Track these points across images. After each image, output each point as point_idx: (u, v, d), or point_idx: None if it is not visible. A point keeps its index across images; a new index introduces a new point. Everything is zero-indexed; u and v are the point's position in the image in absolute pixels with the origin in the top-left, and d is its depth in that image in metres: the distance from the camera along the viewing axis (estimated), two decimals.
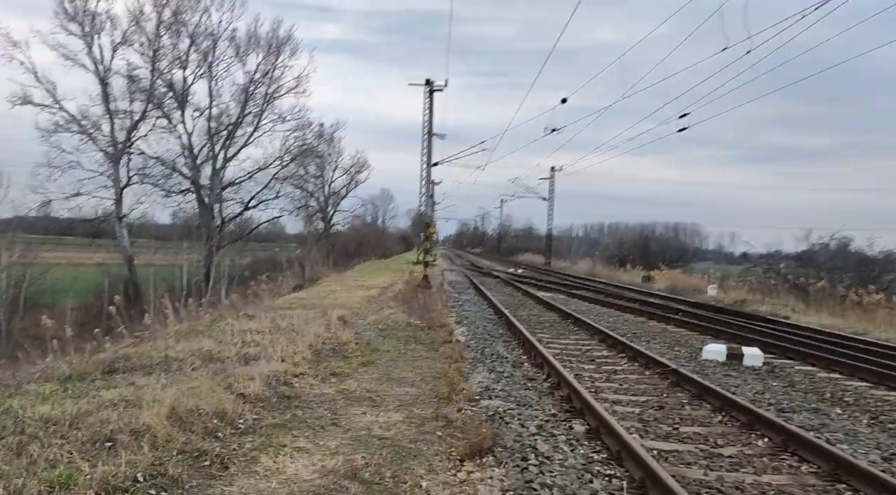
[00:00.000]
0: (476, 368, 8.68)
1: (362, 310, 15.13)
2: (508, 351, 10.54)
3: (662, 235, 72.29)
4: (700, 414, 7.08)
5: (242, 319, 12.01)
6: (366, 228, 79.27)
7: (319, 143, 52.06)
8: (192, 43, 40.23)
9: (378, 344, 10.40)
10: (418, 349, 10.23)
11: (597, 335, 12.85)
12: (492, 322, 14.34)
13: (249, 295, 24.81)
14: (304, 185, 55.25)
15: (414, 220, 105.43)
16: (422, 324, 13.03)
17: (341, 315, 12.81)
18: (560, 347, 11.40)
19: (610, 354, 10.86)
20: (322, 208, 62.27)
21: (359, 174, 63.19)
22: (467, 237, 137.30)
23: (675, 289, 31.78)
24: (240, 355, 8.18)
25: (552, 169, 63.36)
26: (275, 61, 42.59)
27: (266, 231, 61.98)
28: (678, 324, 15.34)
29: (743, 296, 27.64)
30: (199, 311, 18.91)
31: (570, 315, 16.21)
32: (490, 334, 12.26)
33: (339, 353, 9.26)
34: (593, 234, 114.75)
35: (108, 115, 38.13)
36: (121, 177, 38.64)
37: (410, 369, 8.58)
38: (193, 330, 10.48)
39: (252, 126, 43.64)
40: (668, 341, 12.67)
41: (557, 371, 8.32)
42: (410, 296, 18.42)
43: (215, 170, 43.40)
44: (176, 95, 40.84)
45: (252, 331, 10.26)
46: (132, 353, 8.17)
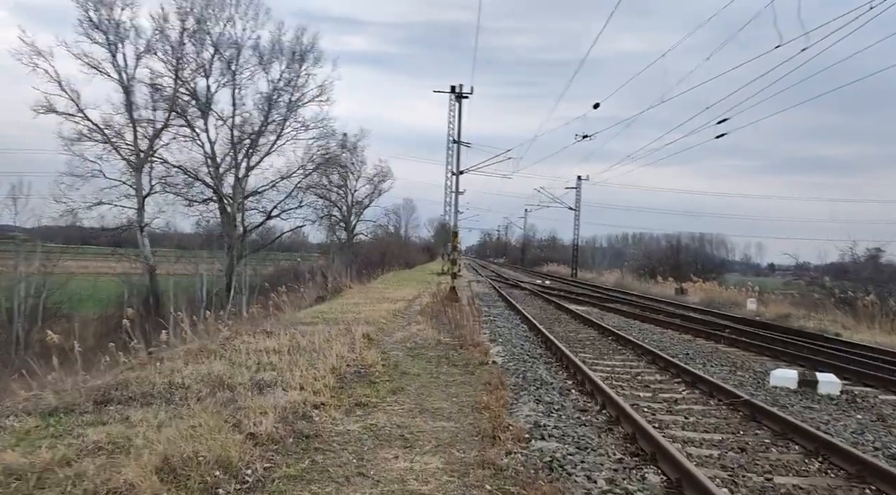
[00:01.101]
0: (520, 397, 7.64)
1: (388, 325, 14.15)
2: (552, 374, 9.48)
3: (689, 246, 70.40)
4: (792, 459, 5.97)
5: (259, 336, 11.11)
6: (389, 238, 78.47)
7: (342, 153, 51.51)
8: (215, 51, 39.93)
9: (407, 366, 9.40)
10: (452, 372, 9.21)
11: (644, 355, 11.74)
12: (528, 340, 13.27)
13: (271, 306, 24.00)
14: (327, 195, 54.71)
15: (436, 230, 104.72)
16: (453, 343, 12.01)
17: (366, 332, 11.85)
18: (607, 370, 10.31)
19: (664, 379, 9.75)
20: (345, 218, 61.70)
21: (382, 183, 62.59)
22: (490, 247, 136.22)
23: (711, 303, 30.42)
24: (253, 381, 7.23)
25: (579, 178, 62.22)
26: (298, 69, 42.16)
27: (289, 240, 61.57)
28: (729, 343, 14.14)
29: (786, 310, 26.22)
30: (217, 324, 18.12)
31: (609, 331, 15.10)
32: (529, 354, 11.21)
33: (364, 378, 8.27)
34: (617, 245, 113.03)
35: (131, 124, 37.84)
36: (143, 186, 38.28)
37: (445, 397, 7.57)
38: (205, 349, 9.57)
39: (275, 134, 43.18)
40: (724, 363, 11.50)
41: (613, 401, 7.26)
42: (438, 310, 17.41)
43: (238, 179, 42.92)
44: (199, 104, 40.51)
45: (269, 351, 9.34)
46: (133, 378, 7.27)
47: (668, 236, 78.75)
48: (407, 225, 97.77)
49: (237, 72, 41.02)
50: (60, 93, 34.59)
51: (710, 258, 66.32)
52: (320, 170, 47.38)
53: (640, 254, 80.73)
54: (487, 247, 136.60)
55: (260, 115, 42.33)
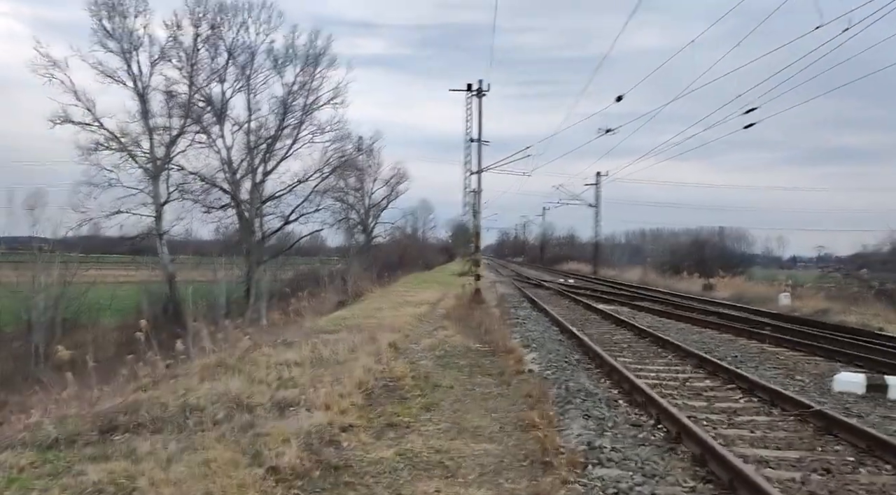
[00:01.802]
0: (566, 411, 6.95)
1: (413, 331, 13.52)
2: (595, 383, 8.78)
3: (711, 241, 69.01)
4: (887, 482, 5.23)
5: (280, 348, 10.53)
6: (407, 240, 77.93)
7: (359, 155, 51.03)
8: (229, 56, 39.61)
9: (438, 377, 8.75)
10: (487, 383, 8.55)
11: (689, 358, 10.98)
12: (562, 343, 12.56)
13: (291, 312, 23.51)
14: (345, 198, 54.26)
15: (454, 231, 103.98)
16: (484, 349, 11.35)
17: (392, 340, 11.22)
18: (651, 375, 9.58)
19: (716, 385, 9.00)
20: (363, 220, 61.25)
21: (398, 185, 62.01)
22: (508, 246, 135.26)
23: (741, 298, 29.45)
24: (274, 401, 6.62)
25: (598, 174, 61.26)
26: (313, 72, 41.73)
27: (307, 244, 61.21)
28: (775, 343, 13.31)
29: (822, 304, 25.20)
30: (237, 332, 17.67)
31: (645, 332, 14.35)
32: (566, 360, 10.50)
33: (394, 393, 7.63)
34: (635, 241, 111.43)
35: (147, 132, 37.64)
36: (160, 194, 38.07)
37: (483, 413, 6.90)
38: (223, 363, 8.99)
39: (291, 138, 42.78)
40: (776, 365, 10.72)
41: (669, 414, 6.55)
42: (464, 314, 16.77)
43: (255, 185, 42.58)
44: (214, 109, 40.22)
45: (290, 365, 8.74)
46: (144, 400, 6.69)
47: (687, 231, 77.52)
48: (424, 226, 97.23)
49: (251, 76, 40.69)
50: (76, 103, 34.51)
51: (735, 252, 64.99)
52: (337, 174, 46.95)
53: (663, 250, 79.50)
54: (505, 247, 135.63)
55: (275, 119, 41.98)
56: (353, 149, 48.25)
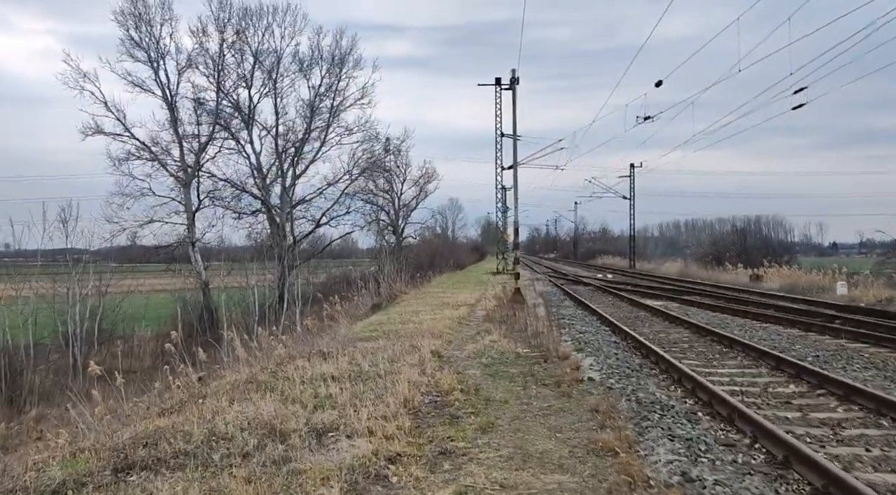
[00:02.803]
0: (644, 430, 6.04)
1: (455, 336, 12.68)
2: (666, 392, 7.85)
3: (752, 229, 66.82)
4: None
5: (315, 359, 9.78)
6: (437, 240, 77.18)
7: (387, 156, 50.41)
8: (255, 61, 39.33)
9: (489, 389, 7.90)
10: (545, 395, 7.67)
11: (762, 359, 9.96)
12: (617, 346, 11.62)
13: (325, 317, 22.90)
14: (374, 199, 53.75)
15: (484, 229, 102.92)
16: (534, 354, 10.46)
17: (434, 347, 10.40)
18: (726, 381, 8.62)
19: (803, 391, 8.00)
20: (393, 221, 60.65)
21: (427, 185, 61.22)
22: (539, 242, 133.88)
23: (793, 289, 28.06)
24: (311, 425, 5.84)
25: (632, 166, 59.84)
26: (339, 73, 41.25)
27: (339, 247, 60.94)
28: (852, 338, 12.19)
29: (885, 292, 23.72)
30: (271, 340, 17.15)
31: (704, 329, 13.34)
32: (627, 365, 9.57)
33: (443, 411, 6.81)
34: (669, 233, 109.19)
35: (177, 140, 37.56)
36: (192, 202, 37.96)
37: (548, 434, 6.04)
38: (254, 379, 8.27)
39: (319, 141, 42.38)
40: (866, 365, 9.63)
41: (769, 432, 5.62)
42: (506, 315, 15.88)
43: (285, 189, 42.29)
44: (242, 115, 39.99)
45: (327, 379, 7.97)
46: (167, 428, 5.96)
47: (722, 221, 75.37)
48: (454, 225, 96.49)
49: (278, 80, 40.37)
50: (107, 113, 34.61)
51: (779, 241, 62.88)
52: (366, 175, 46.45)
53: (701, 241, 77.47)
54: (536, 243, 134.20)
55: (303, 122, 41.61)
56: (382, 150, 47.67)
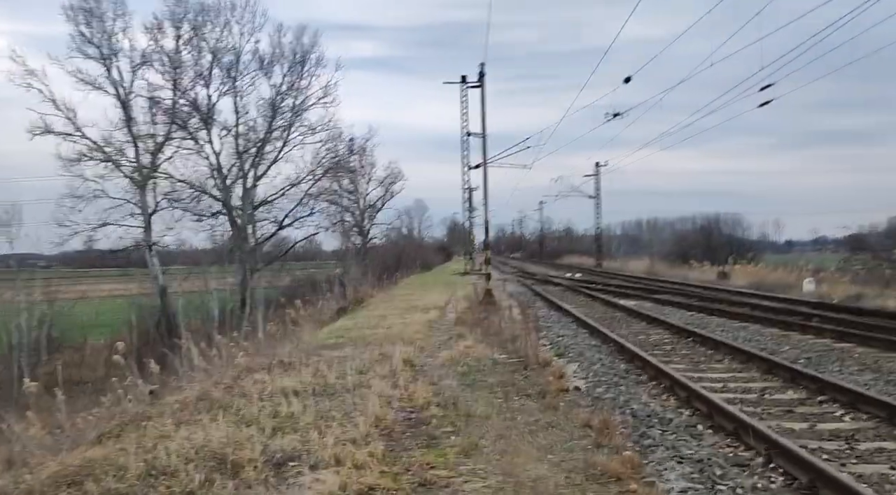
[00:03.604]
0: (646, 450, 5.41)
1: (427, 342, 11.96)
2: (660, 403, 7.25)
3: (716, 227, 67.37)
4: None
5: (276, 370, 8.96)
6: (404, 240, 76.37)
7: (352, 155, 49.42)
8: (214, 58, 37.97)
9: (469, 402, 7.19)
10: (529, 408, 7.00)
11: (751, 362, 9.46)
12: (599, 350, 11.03)
13: (288, 322, 21.96)
14: (339, 200, 52.72)
15: (450, 229, 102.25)
16: (512, 361, 9.80)
17: (406, 355, 9.66)
18: (718, 387, 8.07)
19: (803, 397, 7.48)
20: (358, 222, 59.67)
21: (393, 185, 60.42)
22: (505, 242, 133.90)
23: (762, 286, 28.00)
24: (268, 454, 5.06)
25: (597, 165, 59.88)
26: (301, 71, 40.16)
27: (303, 249, 59.69)
28: (837, 337, 11.80)
29: (852, 289, 23.73)
30: (232, 347, 16.25)
31: (684, 330, 12.88)
32: (613, 372, 8.97)
33: (419, 430, 6.08)
34: (632, 232, 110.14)
35: (132, 140, 36.00)
36: (148, 204, 36.44)
37: (538, 455, 5.36)
38: (207, 396, 7.43)
39: (281, 141, 41.22)
40: (861, 367, 9.19)
41: (787, 450, 5.04)
42: (478, 318, 15.22)
43: (246, 190, 41.01)
44: (200, 114, 38.59)
45: (289, 394, 7.17)
46: (98, 459, 5.12)
47: (683, 219, 76.11)
48: (420, 226, 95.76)
49: (237, 78, 39.09)
50: (56, 112, 32.85)
51: (743, 239, 63.59)
52: (330, 175, 45.43)
53: (665, 240, 78.03)
54: (502, 243, 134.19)
55: (264, 121, 40.40)
56: (346, 150, 46.69)
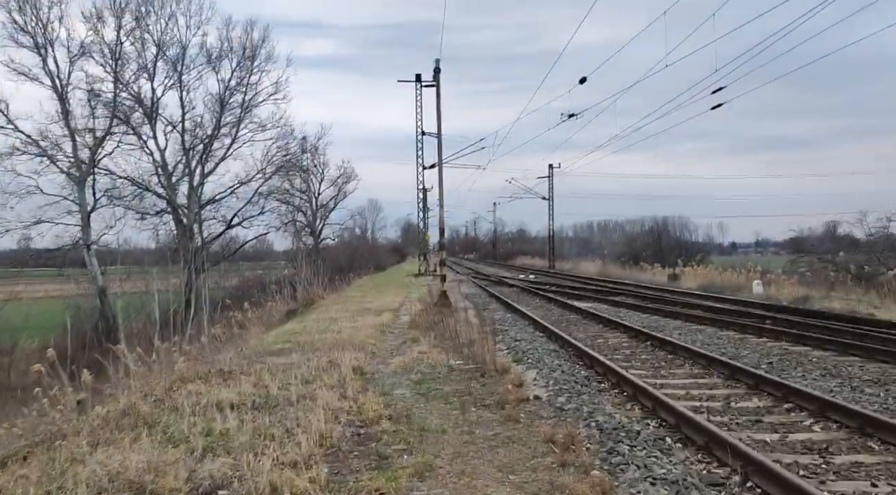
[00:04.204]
0: (616, 468, 4.98)
1: (379, 347, 11.40)
2: (625, 412, 6.86)
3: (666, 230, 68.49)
4: None
5: (214, 380, 8.29)
6: (357, 241, 75.43)
7: (303, 154, 48.41)
8: (158, 51, 36.59)
9: (423, 415, 6.68)
10: (488, 420, 6.53)
11: (712, 367, 9.20)
12: (558, 355, 10.64)
13: (234, 324, 21.17)
14: (291, 199, 51.59)
15: (404, 230, 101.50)
16: (469, 367, 9.33)
17: (356, 363, 9.09)
18: (681, 394, 7.75)
19: (769, 405, 7.20)
20: (310, 222, 58.58)
21: (346, 185, 59.56)
22: (459, 243, 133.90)
23: (712, 288, 28.33)
24: (194, 483, 4.45)
25: (550, 166, 60.06)
26: (250, 67, 39.08)
27: (253, 249, 58.40)
28: (793, 340, 11.71)
29: (799, 291, 24.11)
30: (173, 351, 15.44)
31: (641, 333, 12.63)
32: (573, 379, 8.57)
33: (369, 448, 5.54)
34: (583, 234, 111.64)
35: (70, 134, 34.30)
36: (87, 201, 34.78)
37: (499, 476, 4.88)
38: (133, 409, 6.72)
39: (230, 137, 40.04)
40: (822, 371, 9.01)
41: (766, 469, 4.69)
42: (433, 321, 14.71)
43: (192, 188, 39.71)
44: (144, 108, 37.10)
45: (225, 408, 6.54)
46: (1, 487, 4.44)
47: (632, 221, 77.35)
48: (374, 226, 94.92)
49: (183, 72, 37.79)
50: None
51: (692, 241, 64.81)
52: (281, 174, 44.34)
53: (616, 242, 79.09)
54: (456, 244, 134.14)
55: (212, 117, 39.18)
56: (298, 148, 45.66)
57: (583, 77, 24.00)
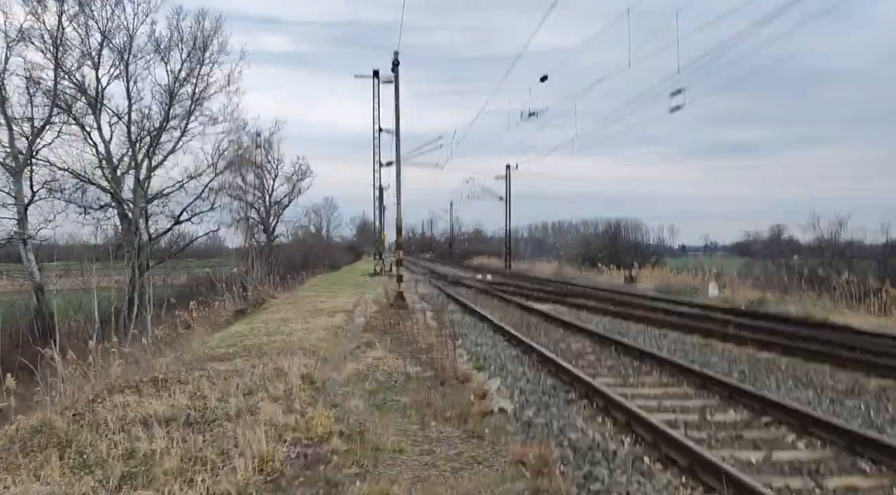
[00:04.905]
0: None
1: (332, 352, 10.69)
2: (598, 428, 6.35)
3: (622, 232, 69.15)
4: None
5: (147, 389, 7.49)
6: (311, 239, 73.97)
7: (257, 148, 46.98)
8: (104, 38, 34.80)
9: (378, 431, 6.04)
10: (450, 437, 5.94)
11: (681, 376, 8.80)
12: (520, 361, 10.11)
13: (179, 325, 20.18)
14: (243, 196, 50.04)
15: (360, 229, 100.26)
16: (428, 375, 8.72)
17: (306, 370, 8.38)
18: (653, 405, 7.29)
19: (747, 418, 6.79)
20: (263, 219, 57.02)
21: (301, 181, 58.11)
22: (415, 242, 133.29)
23: (669, 290, 28.36)
24: None
25: (508, 167, 59.89)
26: (202, 57, 37.54)
27: (205, 246, 56.62)
28: (759, 346, 11.43)
29: (754, 294, 24.23)
30: (112, 352, 14.46)
31: (605, 338, 12.24)
32: (540, 389, 8.04)
33: (316, 473, 4.88)
34: (538, 234, 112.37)
35: (6, 122, 32.34)
36: (24, 193, 32.90)
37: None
38: (48, 426, 5.91)
39: (179, 130, 38.41)
40: (795, 381, 8.67)
41: (755, 493, 4.21)
42: (389, 323, 14.07)
43: (139, 182, 37.94)
44: (88, 98, 35.30)
45: (154, 425, 5.79)
46: None
47: (587, 223, 78.02)
48: (329, 224, 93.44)
49: (130, 61, 36.05)
50: None
51: (646, 243, 65.57)
52: (233, 169, 42.88)
53: (572, 243, 79.48)
54: (412, 243, 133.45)
55: (161, 109, 37.49)
56: (251, 143, 44.25)
57: (544, 75, 23.73)
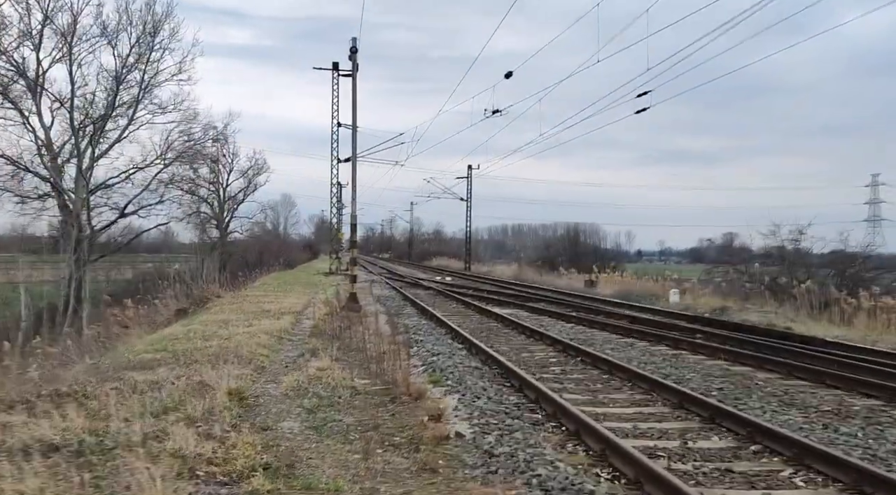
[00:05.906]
0: None
1: (271, 360, 9.65)
2: (569, 459, 5.49)
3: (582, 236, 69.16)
4: None
5: (43, 406, 6.36)
6: (267, 236, 72.00)
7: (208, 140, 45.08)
8: (45, 18, 32.81)
9: (312, 461, 5.07)
10: (397, 470, 5.01)
11: (655, 392, 8.04)
12: (481, 373, 9.22)
13: (117, 324, 18.90)
14: (196, 189, 48.12)
15: (318, 227, 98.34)
16: (377, 389, 7.78)
17: (235, 384, 7.34)
18: (628, 428, 6.50)
19: (734, 446, 6.03)
20: (217, 214, 55.07)
21: (257, 176, 56.33)
22: (374, 242, 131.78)
23: (629, 296, 27.88)
24: None
25: (469, 167, 59.16)
26: (152, 43, 35.75)
27: (156, 241, 54.52)
28: (733, 359, 10.79)
29: (715, 301, 23.92)
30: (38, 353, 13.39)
31: (569, 346, 11.49)
32: (503, 408, 7.15)
33: None
34: (497, 237, 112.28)
35: None
36: None
37: None
38: None
39: (126, 118, 36.56)
40: (778, 399, 7.98)
41: None
42: (339, 327, 13.05)
43: (81, 171, 35.97)
44: (27, 81, 33.27)
45: (35, 454, 4.72)
46: None
47: (545, 226, 78.02)
48: (286, 222, 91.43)
49: (75, 44, 34.11)
50: None
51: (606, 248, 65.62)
52: (184, 161, 41.05)
53: (532, 246, 79.30)
54: (371, 243, 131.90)
55: (107, 95, 35.60)
56: (203, 134, 42.37)
57: (509, 71, 23.01)
